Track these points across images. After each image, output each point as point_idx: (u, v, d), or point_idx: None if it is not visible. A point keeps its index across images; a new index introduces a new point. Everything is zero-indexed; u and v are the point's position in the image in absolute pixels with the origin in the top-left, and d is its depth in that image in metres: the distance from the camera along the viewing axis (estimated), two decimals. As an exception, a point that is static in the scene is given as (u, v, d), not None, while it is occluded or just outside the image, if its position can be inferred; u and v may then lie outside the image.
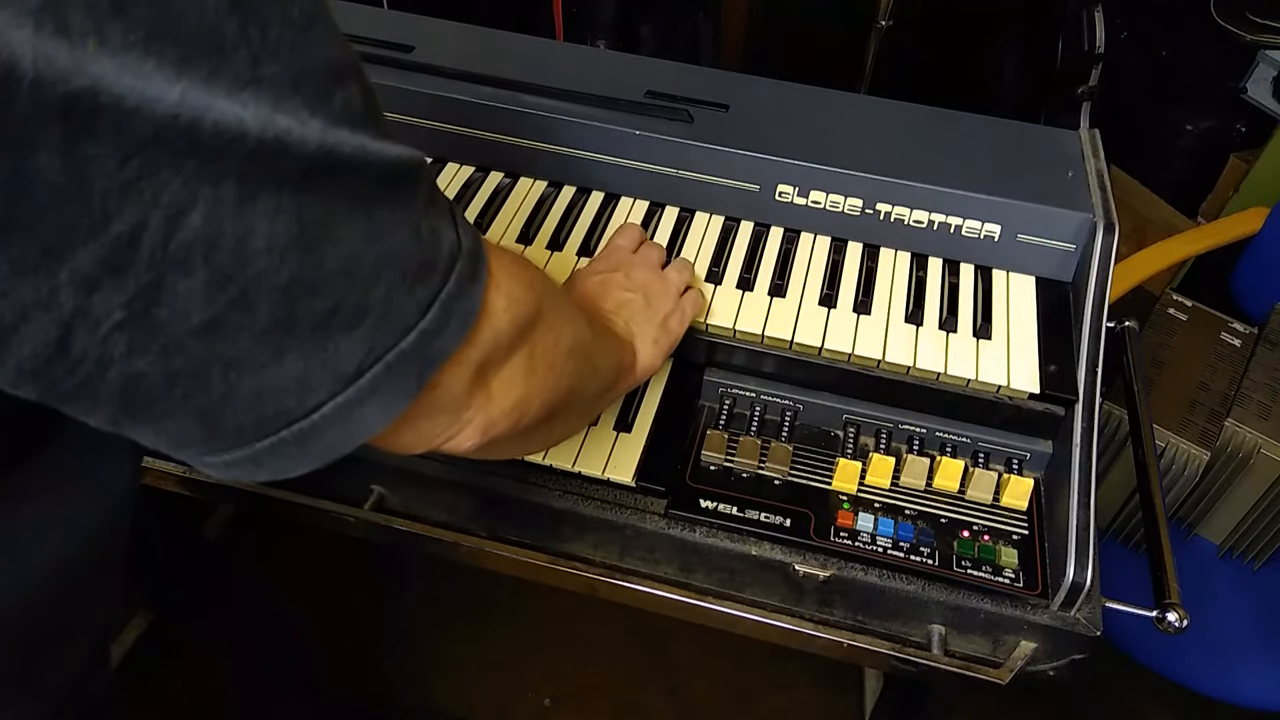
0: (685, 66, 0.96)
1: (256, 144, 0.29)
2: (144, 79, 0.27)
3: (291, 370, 0.34)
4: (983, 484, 0.76)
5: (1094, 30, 1.66)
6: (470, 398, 0.42)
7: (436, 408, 0.41)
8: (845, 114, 0.92)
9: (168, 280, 0.29)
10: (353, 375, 0.35)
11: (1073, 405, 0.75)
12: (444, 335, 0.38)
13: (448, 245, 0.38)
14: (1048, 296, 0.83)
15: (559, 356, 0.49)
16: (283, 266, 0.32)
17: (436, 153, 0.91)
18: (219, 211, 0.29)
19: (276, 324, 0.32)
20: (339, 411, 0.36)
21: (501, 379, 0.44)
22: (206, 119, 0.28)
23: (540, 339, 0.46)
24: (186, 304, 0.30)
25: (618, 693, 1.53)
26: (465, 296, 0.39)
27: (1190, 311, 1.29)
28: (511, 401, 0.45)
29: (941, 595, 0.72)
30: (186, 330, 0.31)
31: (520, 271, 0.45)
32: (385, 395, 0.37)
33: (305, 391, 0.35)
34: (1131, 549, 1.22)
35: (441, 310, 0.38)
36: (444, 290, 0.38)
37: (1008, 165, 0.86)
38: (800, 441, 0.79)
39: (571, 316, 0.52)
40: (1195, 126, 2.06)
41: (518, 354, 0.45)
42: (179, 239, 0.29)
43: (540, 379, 0.47)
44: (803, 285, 0.83)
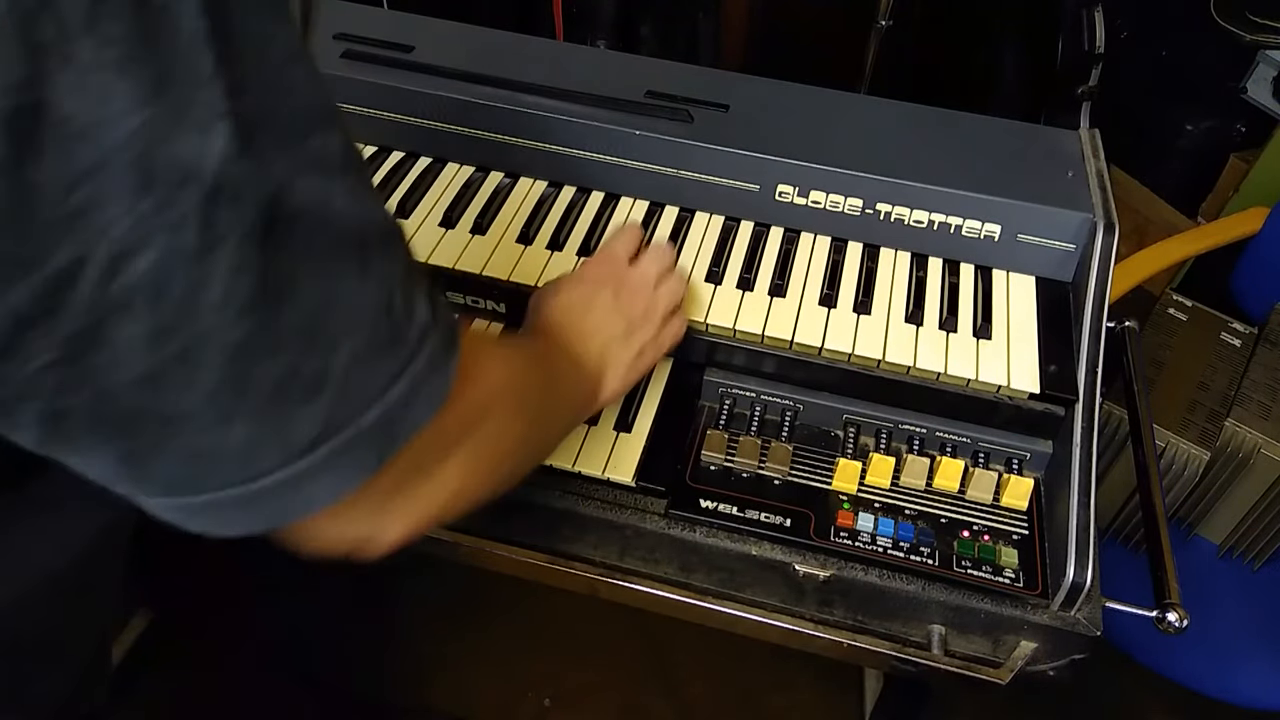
0: (685, 66, 0.96)
1: (214, 185, 0.28)
2: (106, 102, 0.25)
3: (237, 435, 0.32)
4: (983, 484, 0.76)
5: (1094, 30, 1.66)
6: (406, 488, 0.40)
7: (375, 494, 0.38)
8: (845, 114, 0.92)
9: (106, 324, 0.28)
10: (306, 448, 0.33)
11: (1073, 405, 0.75)
12: (410, 411, 0.36)
13: (421, 319, 0.36)
14: (1048, 296, 0.83)
15: (503, 451, 0.46)
16: (236, 325, 0.29)
17: (436, 153, 0.91)
18: (171, 258, 0.27)
19: (223, 390, 0.30)
20: (285, 483, 0.33)
21: (444, 470, 0.42)
22: (162, 152, 0.26)
23: (487, 435, 0.44)
24: (125, 355, 0.28)
25: (618, 693, 1.53)
26: (437, 373, 0.37)
27: (1190, 311, 1.29)
28: (450, 491, 0.42)
29: (941, 595, 0.72)
30: (122, 381, 0.29)
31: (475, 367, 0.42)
32: (339, 470, 0.34)
33: (250, 459, 0.32)
34: (1131, 549, 1.22)
35: (410, 386, 0.35)
36: (412, 365, 0.36)
37: (1008, 165, 0.86)
38: (800, 441, 0.79)
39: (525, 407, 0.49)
40: (1195, 126, 2.06)
41: (462, 448, 0.42)
42: (122, 281, 0.27)
43: (483, 473, 0.44)
44: (803, 285, 0.83)
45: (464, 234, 0.85)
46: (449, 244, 0.84)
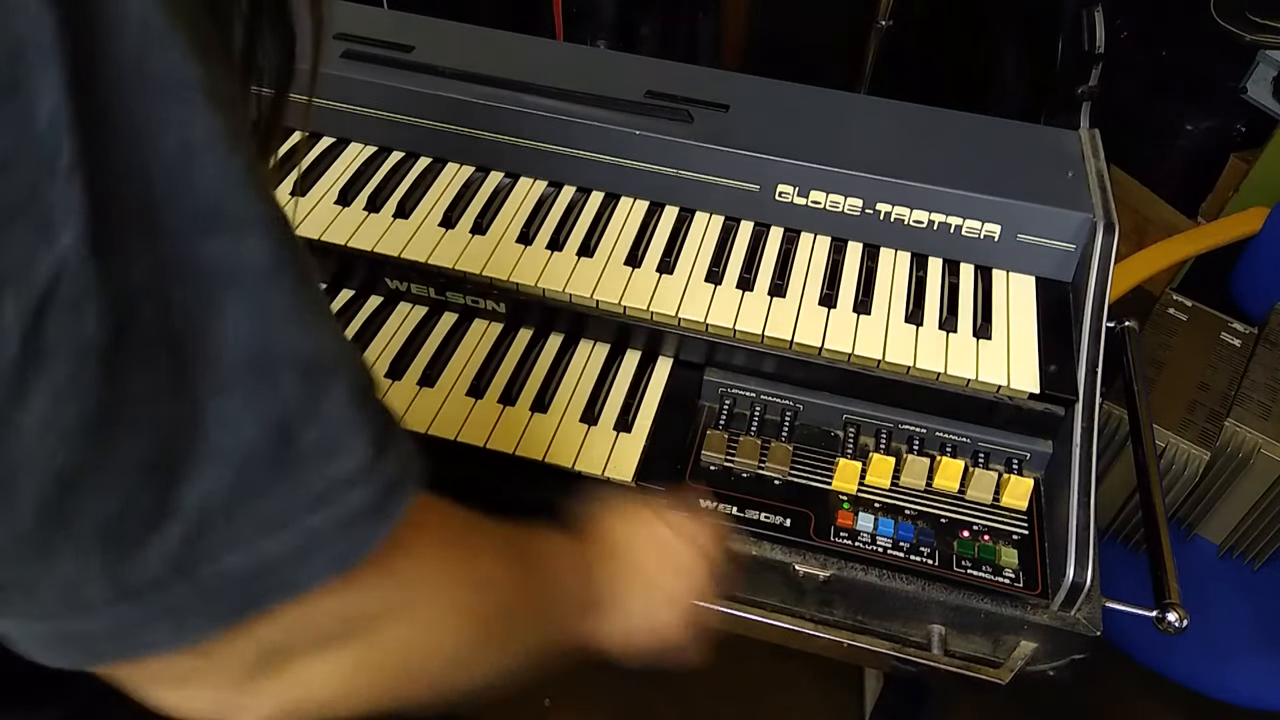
0: (685, 66, 0.96)
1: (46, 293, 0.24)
2: None
3: (59, 575, 0.28)
4: (983, 484, 0.76)
5: (1094, 30, 1.66)
6: (255, 676, 0.33)
7: (207, 673, 0.32)
8: (845, 114, 0.92)
9: None
10: (143, 589, 0.28)
11: (1073, 405, 0.75)
12: (297, 571, 0.30)
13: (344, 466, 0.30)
14: (1048, 296, 0.83)
15: (409, 661, 0.37)
16: (59, 451, 0.26)
17: (436, 153, 0.91)
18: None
19: (42, 522, 0.26)
20: (116, 623, 0.29)
21: (311, 667, 0.34)
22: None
23: (385, 640, 0.35)
24: None
25: (618, 693, 1.53)
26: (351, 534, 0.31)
27: (1190, 311, 1.29)
28: (318, 699, 0.35)
29: (941, 595, 0.72)
30: None
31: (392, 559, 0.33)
32: (184, 616, 0.29)
33: (73, 594, 0.28)
34: (1131, 549, 1.22)
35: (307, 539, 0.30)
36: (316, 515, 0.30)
37: (1008, 165, 0.86)
38: (800, 441, 0.79)
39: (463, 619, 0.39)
40: (1195, 126, 2.06)
41: (338, 647, 0.34)
42: None
43: (369, 687, 0.36)
44: (803, 285, 0.83)
45: (464, 234, 0.85)
46: (449, 244, 0.83)
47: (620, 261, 0.83)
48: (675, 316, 0.80)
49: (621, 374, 0.82)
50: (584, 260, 0.84)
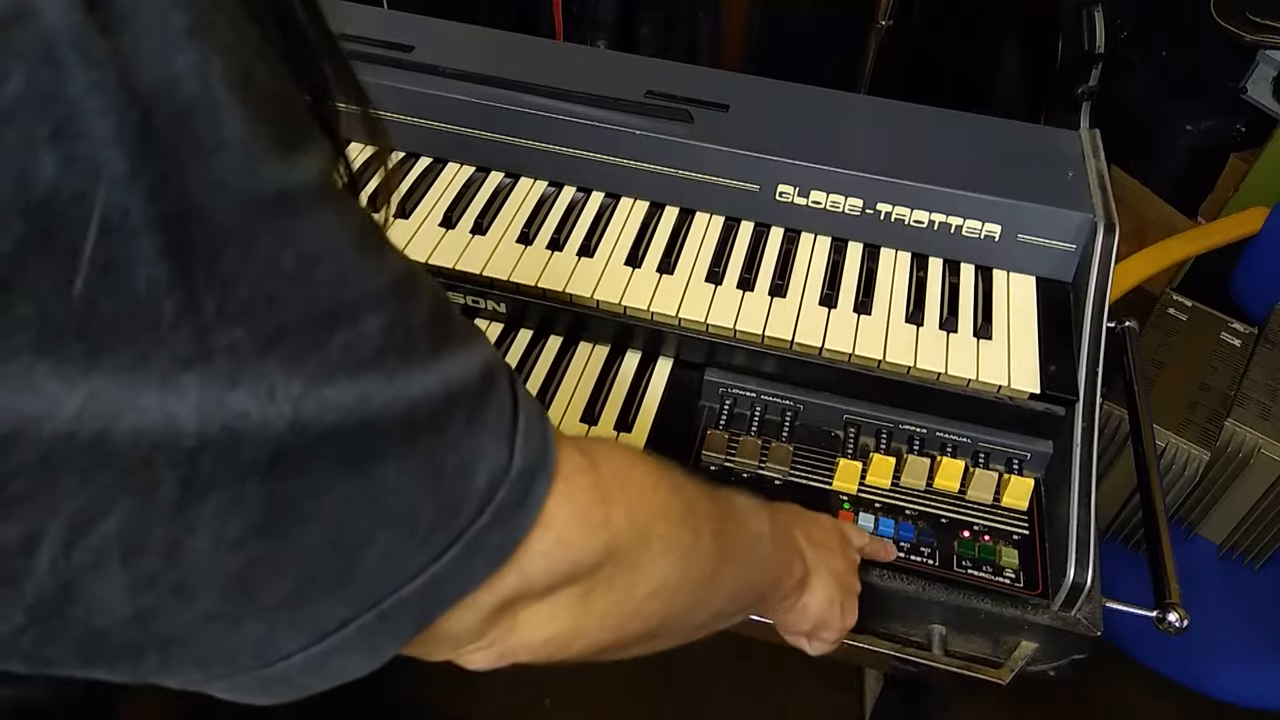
0: (685, 66, 0.96)
1: (196, 443, 0.24)
2: (28, 391, 0.22)
3: (250, 634, 0.28)
4: (983, 484, 0.76)
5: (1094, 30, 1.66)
6: (483, 632, 0.35)
7: (435, 642, 0.35)
8: (845, 114, 0.92)
9: (77, 586, 0.24)
10: (332, 630, 0.30)
11: (1073, 405, 0.75)
12: (462, 575, 0.32)
13: (487, 473, 0.31)
14: (1048, 296, 0.83)
15: (631, 600, 0.39)
16: (234, 557, 0.26)
17: (437, 153, 0.91)
18: (145, 516, 0.24)
19: (227, 606, 0.27)
20: (311, 662, 0.30)
21: (535, 612, 0.36)
22: (118, 427, 0.23)
23: (605, 579, 0.37)
24: (106, 603, 0.25)
25: (618, 693, 1.53)
26: (502, 527, 0.32)
27: (1190, 311, 1.29)
28: (544, 637, 0.37)
29: (942, 595, 0.72)
30: (109, 622, 0.26)
31: (592, 505, 0.36)
32: (373, 641, 0.31)
33: (267, 649, 0.29)
34: (1131, 549, 1.22)
35: (466, 549, 0.31)
36: (472, 527, 0.31)
37: (1008, 165, 0.86)
38: (800, 441, 0.79)
39: (679, 550, 0.40)
40: (1195, 126, 2.06)
41: (564, 592, 0.36)
42: (86, 545, 0.24)
43: (595, 620, 0.38)
44: (803, 285, 0.83)
45: (464, 234, 0.85)
46: (449, 244, 0.84)
47: (620, 261, 0.83)
48: (675, 317, 0.80)
49: (621, 374, 0.82)
50: (584, 260, 0.84)
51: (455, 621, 0.33)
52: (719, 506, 0.46)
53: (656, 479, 0.40)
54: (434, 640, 0.34)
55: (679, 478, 0.43)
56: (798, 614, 0.58)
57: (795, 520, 0.57)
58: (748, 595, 0.51)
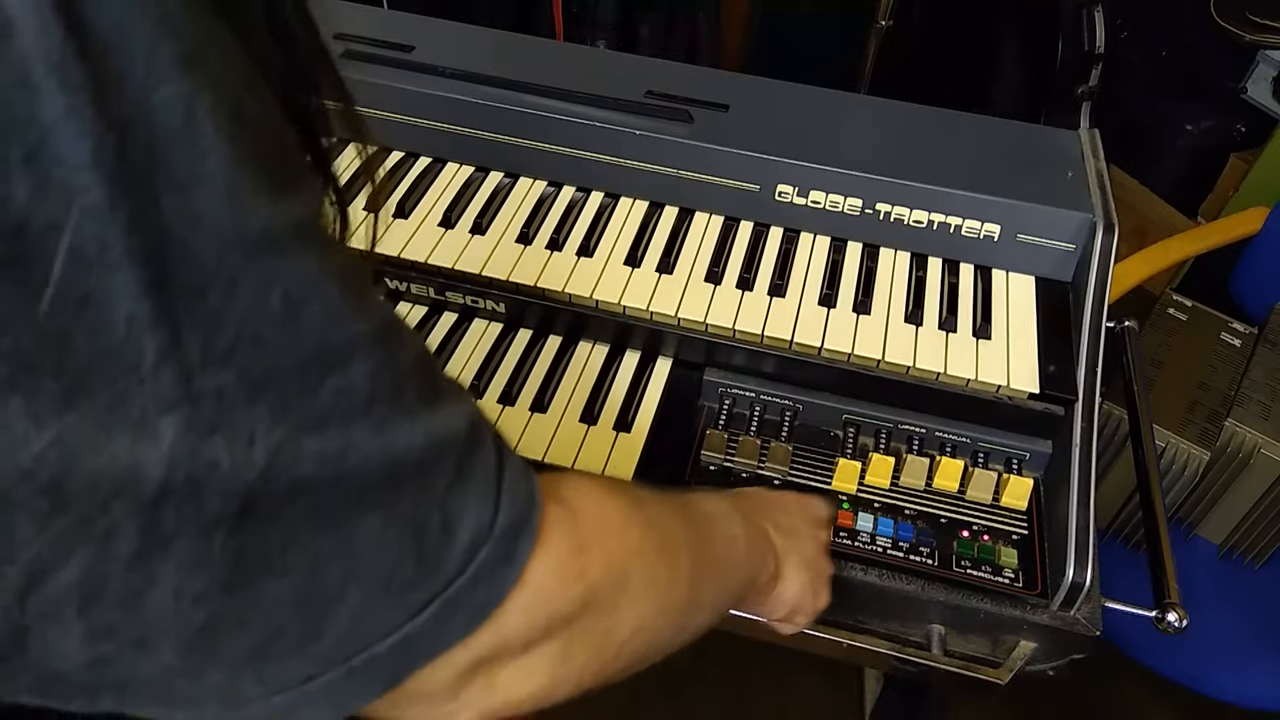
0: (685, 66, 0.96)
1: (158, 491, 0.23)
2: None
3: (212, 684, 0.27)
4: (982, 484, 0.76)
5: (1094, 30, 1.66)
6: (458, 693, 0.34)
7: (407, 702, 0.33)
8: (845, 114, 0.92)
9: (33, 634, 0.24)
10: (297, 683, 0.28)
11: (1072, 405, 0.75)
12: (442, 632, 0.31)
13: (471, 531, 0.30)
14: (1047, 296, 0.83)
15: (612, 643, 0.38)
16: (196, 612, 0.25)
17: (436, 153, 0.91)
18: (103, 566, 0.23)
19: (188, 661, 0.26)
20: (273, 711, 0.29)
21: (514, 670, 0.35)
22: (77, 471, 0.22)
23: (585, 629, 0.36)
24: (64, 650, 0.24)
25: (617, 693, 1.52)
26: (484, 586, 0.31)
27: (1190, 311, 1.29)
28: (525, 693, 0.36)
29: (941, 595, 0.72)
30: (66, 668, 0.25)
31: (570, 557, 0.35)
32: (337, 698, 0.30)
33: (230, 697, 0.28)
34: (1131, 549, 1.22)
35: (444, 607, 0.30)
36: (453, 585, 0.30)
37: (1008, 165, 0.86)
38: (800, 441, 0.79)
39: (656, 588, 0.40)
40: (1195, 126, 2.06)
41: (544, 647, 0.35)
42: (43, 593, 0.23)
43: (577, 669, 0.37)
44: (802, 285, 0.83)
45: (463, 234, 0.85)
46: (448, 244, 0.84)
47: (620, 261, 0.83)
48: (675, 316, 0.80)
49: (621, 374, 0.82)
50: (584, 260, 0.84)
51: (427, 680, 0.32)
52: (693, 529, 0.45)
53: (629, 517, 0.39)
54: (405, 699, 0.32)
55: (652, 510, 0.42)
56: (772, 604, 0.58)
57: (763, 511, 0.57)
58: (726, 601, 0.50)
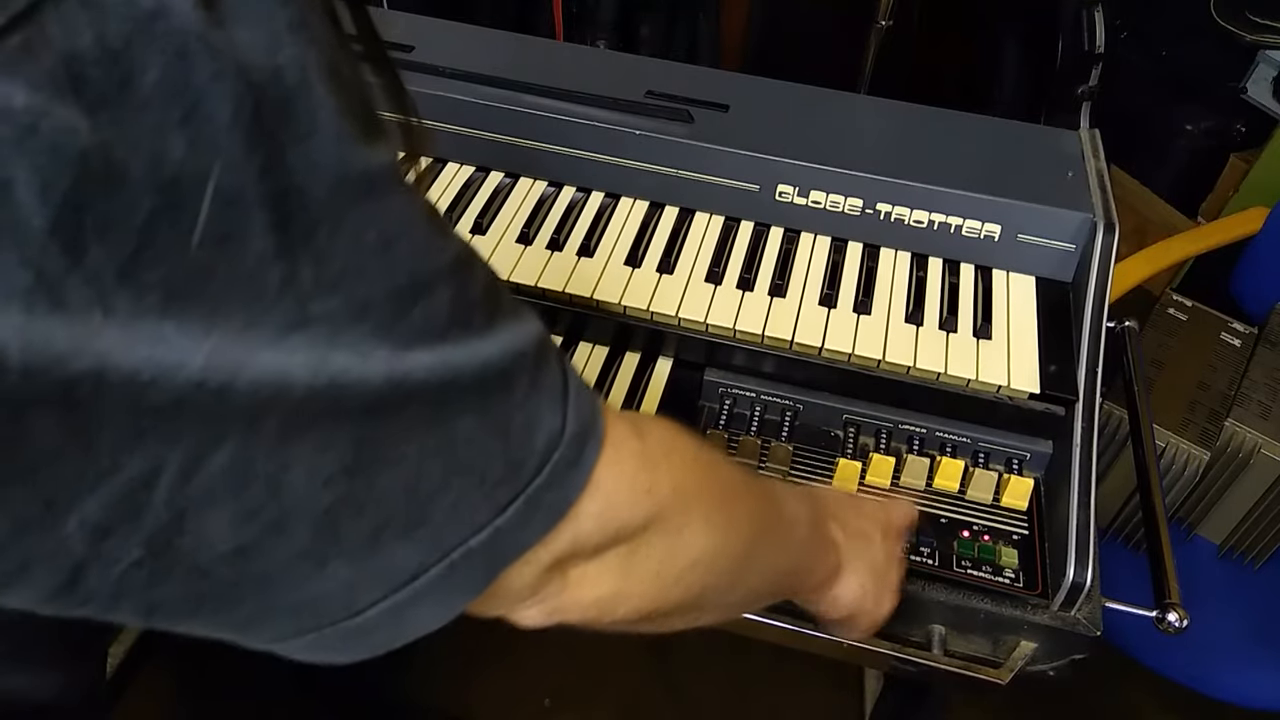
0: (685, 66, 0.96)
1: (305, 393, 0.26)
2: (160, 345, 0.24)
3: (335, 578, 0.30)
4: (983, 484, 0.76)
5: (1094, 30, 1.66)
6: (537, 590, 0.38)
7: (495, 598, 0.36)
8: (845, 114, 0.92)
9: (190, 516, 0.27)
10: (408, 578, 0.32)
11: (1073, 405, 0.75)
12: (524, 530, 0.34)
13: (545, 435, 0.33)
14: (1048, 296, 0.83)
15: (672, 569, 0.41)
16: (325, 493, 0.28)
17: (437, 153, 0.91)
18: (250, 453, 0.26)
19: (316, 544, 0.29)
20: (389, 612, 0.32)
21: (584, 572, 0.38)
22: (241, 378, 0.25)
23: (647, 545, 0.39)
24: (212, 536, 0.27)
25: (618, 693, 1.53)
26: (557, 487, 0.34)
27: (1190, 311, 1.29)
28: (592, 597, 0.39)
29: (941, 595, 0.72)
30: (213, 557, 0.28)
31: (637, 471, 0.38)
32: (444, 593, 0.33)
33: (350, 596, 0.31)
34: (1131, 549, 1.22)
35: (525, 505, 0.33)
36: (531, 485, 0.33)
37: (1008, 165, 0.86)
38: (800, 441, 0.79)
39: (716, 525, 0.42)
40: (1195, 126, 2.06)
41: (611, 554, 0.39)
42: (200, 479, 0.26)
43: (638, 584, 0.40)
44: (803, 285, 0.83)
45: (463, 234, 0.85)
46: (449, 244, 0.83)
47: (620, 261, 0.83)
48: (675, 316, 0.80)
49: (621, 374, 0.82)
50: (584, 260, 0.84)
51: (515, 576, 0.35)
52: (757, 487, 0.48)
53: (697, 453, 0.42)
54: (494, 595, 0.35)
55: (719, 455, 0.45)
56: (829, 603, 0.58)
57: (834, 509, 0.58)
58: (781, 579, 0.52)
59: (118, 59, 0.22)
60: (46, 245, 0.22)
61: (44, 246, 0.22)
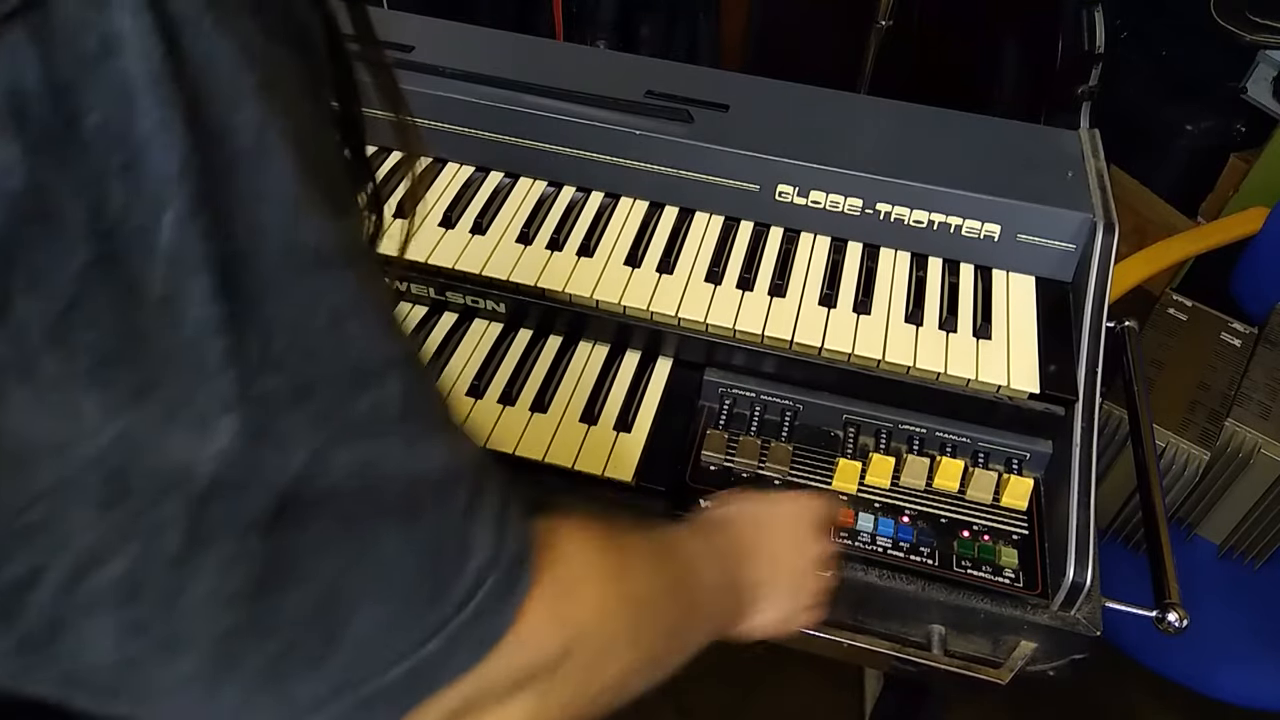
0: (685, 66, 0.96)
1: (209, 486, 0.24)
2: (69, 417, 0.22)
3: (227, 703, 0.28)
4: (983, 484, 0.76)
5: (1094, 30, 1.66)
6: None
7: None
8: (845, 114, 0.92)
9: (69, 625, 0.25)
10: (307, 708, 0.29)
11: (1072, 405, 0.75)
12: (444, 667, 0.31)
13: (478, 561, 0.31)
14: (1048, 296, 0.83)
15: (591, 691, 0.38)
16: (225, 615, 0.26)
17: (437, 153, 0.91)
18: (149, 562, 0.24)
19: (208, 667, 0.27)
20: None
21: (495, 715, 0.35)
22: (141, 463, 0.23)
23: (564, 676, 0.36)
24: (93, 647, 0.25)
25: (618, 693, 1.53)
26: (485, 621, 0.32)
27: (1190, 311, 1.29)
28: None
29: (941, 595, 0.72)
30: (90, 667, 0.26)
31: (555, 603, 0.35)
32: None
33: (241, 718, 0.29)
34: (1131, 549, 1.22)
35: (447, 641, 0.30)
36: (458, 617, 0.30)
37: (1008, 165, 0.86)
38: (800, 441, 0.79)
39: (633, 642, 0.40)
40: (1195, 126, 2.06)
41: (525, 692, 0.35)
42: (87, 586, 0.24)
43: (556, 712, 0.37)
44: (803, 285, 0.82)
45: (464, 234, 0.85)
46: (449, 244, 0.83)
47: (620, 261, 0.83)
48: (675, 316, 0.80)
49: (621, 374, 0.82)
50: (584, 260, 0.84)
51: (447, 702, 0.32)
52: (670, 573, 0.46)
53: (615, 565, 0.40)
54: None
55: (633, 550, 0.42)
56: (749, 631, 0.57)
57: (745, 551, 0.55)
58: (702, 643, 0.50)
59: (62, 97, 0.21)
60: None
61: None
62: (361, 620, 0.29)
